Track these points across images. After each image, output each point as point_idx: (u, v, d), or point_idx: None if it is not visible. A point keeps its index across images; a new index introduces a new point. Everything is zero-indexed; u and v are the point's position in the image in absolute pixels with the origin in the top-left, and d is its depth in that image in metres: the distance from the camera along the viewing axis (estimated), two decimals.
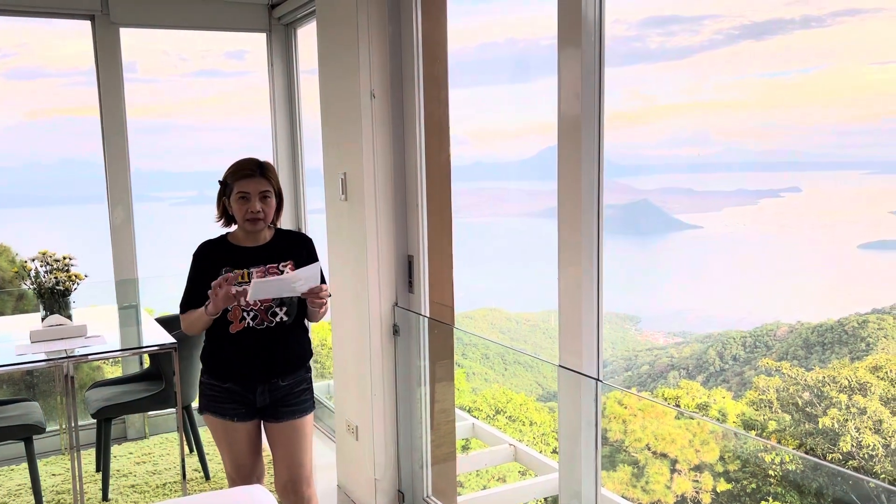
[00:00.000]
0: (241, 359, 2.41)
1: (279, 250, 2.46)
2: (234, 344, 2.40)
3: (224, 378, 2.42)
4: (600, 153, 2.26)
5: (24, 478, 3.72)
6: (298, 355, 2.51)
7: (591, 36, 2.19)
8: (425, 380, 3.23)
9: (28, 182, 12.63)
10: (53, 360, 3.01)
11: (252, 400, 2.44)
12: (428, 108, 3.11)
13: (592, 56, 2.19)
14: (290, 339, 2.46)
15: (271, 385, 2.44)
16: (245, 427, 2.47)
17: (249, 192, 2.34)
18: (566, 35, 2.23)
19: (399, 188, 3.19)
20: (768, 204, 11.09)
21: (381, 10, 3.04)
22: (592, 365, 2.32)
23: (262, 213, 2.36)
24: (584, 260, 2.26)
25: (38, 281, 3.39)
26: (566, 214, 2.31)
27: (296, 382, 2.49)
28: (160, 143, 5.04)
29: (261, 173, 2.36)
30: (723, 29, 9.34)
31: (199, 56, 7.94)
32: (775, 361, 8.51)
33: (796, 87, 8.85)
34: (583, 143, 2.22)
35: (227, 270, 2.37)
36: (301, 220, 4.61)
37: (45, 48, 6.72)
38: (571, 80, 2.22)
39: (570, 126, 2.25)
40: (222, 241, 2.47)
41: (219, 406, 2.44)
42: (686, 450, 7.70)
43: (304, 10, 4.07)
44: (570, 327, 2.35)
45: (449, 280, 3.21)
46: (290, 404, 2.48)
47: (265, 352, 2.42)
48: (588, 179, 2.24)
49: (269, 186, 2.37)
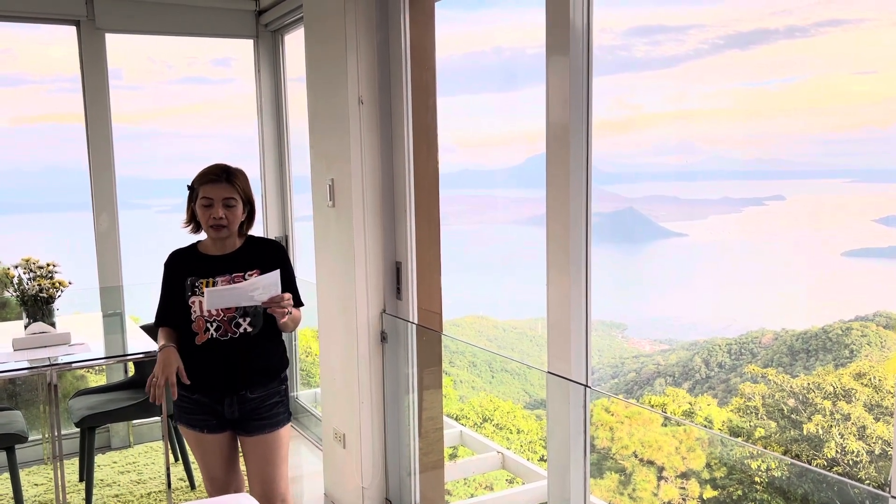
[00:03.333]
0: (207, 370, 2.36)
1: (247, 259, 2.40)
2: (200, 355, 2.35)
3: (192, 389, 2.38)
4: (588, 161, 2.27)
5: (6, 488, 3.66)
6: (266, 367, 2.43)
7: (579, 44, 2.21)
8: (413, 387, 3.22)
9: (11, 189, 12.48)
10: (36, 367, 2.97)
11: (221, 412, 2.39)
12: (416, 114, 3.11)
13: (580, 64, 2.21)
14: (256, 350, 2.39)
15: (240, 397, 2.38)
16: (216, 439, 2.43)
17: (213, 199, 2.29)
18: (554, 43, 2.24)
19: (387, 195, 3.18)
20: (753, 212, 11.19)
21: (369, 17, 3.05)
22: (581, 371, 2.33)
23: (225, 219, 2.31)
24: (573, 267, 2.27)
25: (21, 288, 3.34)
26: (554, 222, 2.32)
27: (267, 395, 2.42)
28: (145, 150, 5.02)
29: (226, 179, 2.31)
30: (708, 38, 9.42)
31: (184, 63, 7.88)
32: (761, 368, 8.57)
33: (780, 96, 8.95)
34: (571, 150, 2.23)
35: (193, 280, 2.34)
36: (288, 228, 4.59)
37: (29, 54, 6.67)
38: (559, 88, 2.23)
39: (559, 134, 2.26)
40: (191, 249, 2.44)
41: (190, 417, 2.41)
42: (673, 457, 7.72)
43: (291, 16, 4.07)
44: (558, 334, 2.35)
45: (437, 287, 3.21)
46: (262, 417, 2.41)
47: (230, 364, 2.36)
48: (576, 187, 2.25)
49: (233, 193, 2.32)
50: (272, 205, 4.54)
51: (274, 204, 4.54)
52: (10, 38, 5.62)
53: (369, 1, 3.04)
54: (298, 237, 4.59)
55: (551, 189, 2.32)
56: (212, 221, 2.30)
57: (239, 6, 4.24)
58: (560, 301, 2.32)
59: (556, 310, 2.34)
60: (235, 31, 4.29)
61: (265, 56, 4.41)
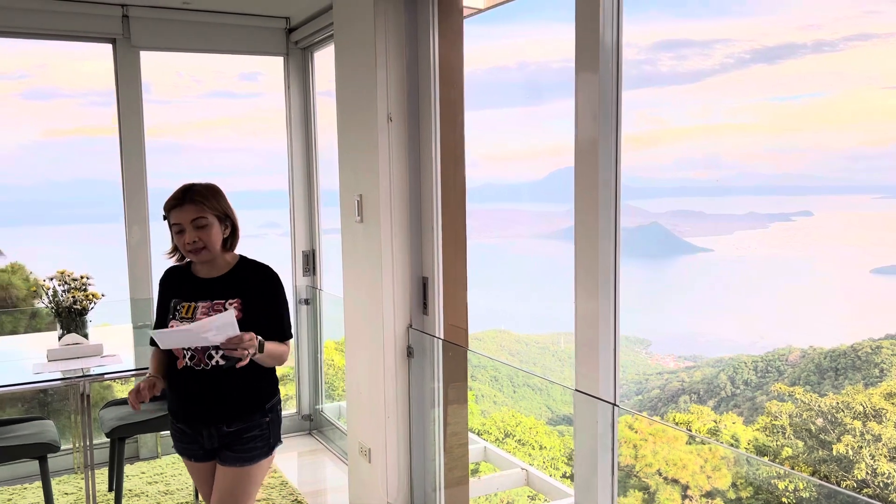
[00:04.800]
0: (185, 399, 2.28)
1: (232, 284, 2.26)
2: (178, 383, 2.27)
3: (176, 418, 2.34)
4: (617, 177, 2.28)
5: (37, 496, 3.72)
6: (245, 401, 2.28)
7: (609, 60, 2.22)
8: (439, 402, 3.22)
9: (42, 201, 12.71)
10: (71, 378, 3.02)
11: (202, 442, 2.31)
12: (444, 131, 3.14)
13: (610, 80, 2.22)
14: (232, 384, 2.24)
15: (217, 429, 2.27)
16: (203, 467, 2.38)
17: (181, 223, 2.17)
18: (584, 59, 2.26)
19: (414, 210, 3.21)
20: (779, 227, 11.07)
21: (399, 35, 3.09)
22: (609, 389, 2.31)
23: (200, 241, 2.17)
24: (601, 283, 2.27)
25: (55, 300, 3.41)
26: (583, 237, 2.32)
27: (245, 428, 2.28)
28: (174, 163, 5.11)
29: (189, 200, 2.17)
30: (734, 53, 9.37)
31: (212, 78, 8.02)
32: (788, 386, 8.44)
33: (808, 111, 8.85)
34: (600, 166, 2.23)
35: (176, 302, 2.27)
36: (315, 241, 4.63)
37: (61, 70, 6.82)
38: (588, 104, 2.24)
39: (587, 149, 2.26)
40: (185, 268, 2.34)
41: (178, 444, 2.38)
42: (698, 475, 7.61)
43: (320, 34, 4.13)
44: (586, 351, 2.34)
45: (463, 302, 3.22)
46: (236, 450, 2.29)
47: (203, 396, 2.25)
48: (605, 203, 2.25)
49: (202, 213, 2.17)
50: (300, 218, 4.59)
51: (302, 217, 4.60)
52: (44, 55, 5.74)
53: (399, 19, 3.08)
54: (325, 250, 4.64)
55: (580, 204, 2.33)
56: (188, 247, 2.18)
57: (270, 24, 4.32)
58: (588, 317, 2.32)
59: (585, 326, 2.34)
60: (266, 49, 4.37)
61: (295, 72, 4.48)
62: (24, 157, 9.30)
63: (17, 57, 5.95)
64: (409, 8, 3.10)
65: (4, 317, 5.22)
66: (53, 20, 3.79)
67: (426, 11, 3.07)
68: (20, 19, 3.74)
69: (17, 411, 4.53)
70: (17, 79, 8.40)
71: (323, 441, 4.60)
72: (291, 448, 4.52)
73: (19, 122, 8.36)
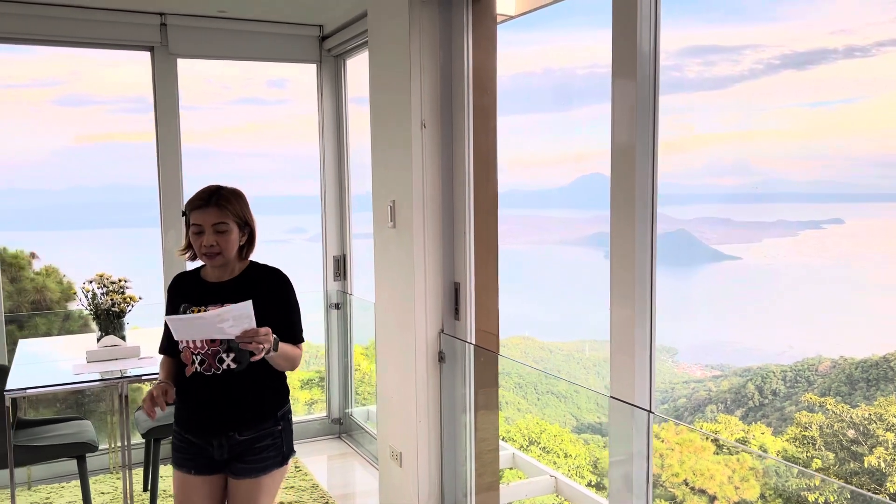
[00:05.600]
0: (195, 407, 2.22)
1: (243, 288, 2.21)
2: (188, 390, 2.22)
3: (184, 428, 2.27)
4: (654, 184, 2.28)
5: (74, 495, 3.79)
6: (256, 407, 2.23)
7: (646, 66, 2.22)
8: (470, 407, 3.23)
9: (74, 205, 12.96)
10: (110, 379, 3.09)
11: (210, 453, 2.22)
12: (477, 137, 3.16)
13: (647, 86, 2.22)
14: (244, 389, 2.20)
15: (228, 438, 2.20)
16: (203, 481, 2.26)
17: (202, 225, 2.14)
18: (620, 65, 2.26)
19: (447, 216, 3.23)
20: (809, 235, 10.91)
21: (433, 41, 3.11)
22: (644, 396, 2.31)
23: (217, 246, 2.14)
24: (638, 290, 2.26)
25: (94, 302, 3.48)
26: (618, 244, 2.31)
27: (258, 437, 2.23)
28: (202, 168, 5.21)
29: (214, 203, 2.14)
30: (763, 58, 9.27)
31: (240, 85, 8.13)
32: (818, 397, 8.30)
33: (839, 117, 8.73)
34: (637, 173, 2.24)
35: (186, 307, 2.22)
36: (346, 246, 4.67)
37: (93, 77, 6.96)
38: (625, 110, 2.25)
39: (624, 156, 2.26)
40: (194, 274, 2.31)
41: (178, 456, 2.28)
42: (725, 486, 7.52)
43: (353, 42, 4.18)
44: (622, 358, 2.34)
45: (494, 308, 3.23)
46: (249, 461, 2.23)
47: (214, 402, 2.19)
48: (642, 209, 2.25)
49: (224, 218, 2.15)
50: (331, 223, 4.64)
51: (333, 222, 4.64)
52: (77, 62, 5.86)
53: (433, 25, 3.11)
54: (355, 255, 4.67)
55: (615, 211, 2.33)
56: (203, 249, 2.15)
57: (304, 32, 4.38)
58: (624, 324, 2.31)
59: (620, 333, 2.33)
60: (300, 56, 4.43)
61: (328, 79, 4.53)
62: (56, 162, 9.46)
63: (51, 64, 6.09)
64: (443, 15, 3.13)
65: (39, 319, 5.32)
66: (95, 29, 3.88)
67: (460, 18, 3.09)
68: (63, 28, 3.83)
69: (51, 412, 4.62)
70: (50, 86, 8.56)
71: (352, 445, 4.63)
72: (321, 451, 4.56)
73: (52, 128, 8.52)
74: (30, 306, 5.67)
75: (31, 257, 6.02)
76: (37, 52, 4.55)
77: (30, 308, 5.63)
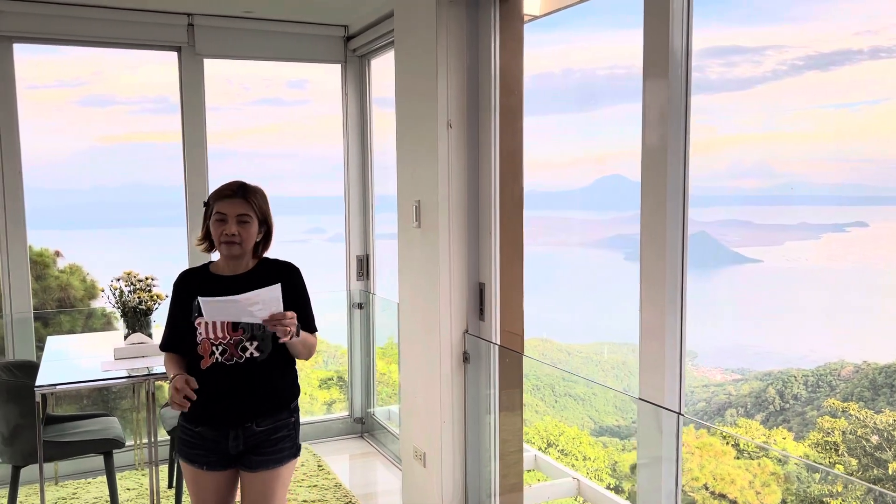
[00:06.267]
0: (212, 399, 2.20)
1: (259, 279, 2.24)
2: (205, 382, 2.19)
3: (196, 421, 2.25)
4: (685, 186, 2.26)
5: (100, 491, 3.83)
6: (275, 396, 2.27)
7: (679, 66, 2.21)
8: (495, 408, 3.22)
9: (97, 204, 13.12)
10: (138, 377, 3.11)
11: (225, 447, 2.24)
12: (503, 138, 3.15)
13: (679, 87, 2.21)
14: (264, 377, 2.23)
15: (245, 430, 2.23)
16: (215, 477, 2.28)
17: (226, 214, 2.20)
18: (652, 65, 2.25)
19: (472, 216, 3.22)
20: (832, 238, 10.77)
21: (460, 41, 3.11)
22: (674, 398, 2.29)
23: (238, 236, 2.20)
24: (668, 292, 2.25)
25: (122, 300, 3.52)
26: (649, 246, 2.30)
27: (274, 428, 2.27)
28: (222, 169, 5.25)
29: (242, 195, 2.22)
30: (787, 59, 9.18)
31: (260, 85, 8.16)
32: (841, 402, 8.20)
33: (864, 119, 8.61)
34: (668, 175, 2.22)
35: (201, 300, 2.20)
36: (369, 246, 4.69)
37: (116, 77, 7.03)
38: (657, 111, 2.23)
39: (655, 158, 2.25)
40: (202, 269, 2.34)
41: (189, 452, 2.28)
42: (746, 491, 7.44)
43: (378, 42, 4.19)
44: (651, 360, 2.32)
45: (519, 309, 3.22)
46: (265, 453, 2.26)
47: (235, 392, 2.21)
48: (673, 212, 2.23)
49: (248, 210, 2.22)
50: (354, 223, 4.65)
51: (357, 222, 4.66)
52: (99, 63, 5.92)
53: (461, 25, 3.11)
54: (379, 255, 4.68)
55: (646, 212, 2.31)
56: (224, 238, 2.20)
57: (329, 32, 4.40)
58: (654, 326, 2.30)
59: (650, 335, 2.32)
60: (325, 57, 4.45)
61: (352, 80, 4.55)
62: (79, 162, 9.59)
63: (74, 65, 6.17)
64: (470, 14, 3.13)
65: (63, 316, 5.39)
66: (123, 29, 3.92)
67: (488, 18, 3.09)
68: (93, 29, 3.88)
69: (74, 408, 4.67)
70: (73, 86, 8.67)
71: (374, 444, 4.64)
72: (343, 451, 4.57)
73: (75, 128, 8.62)
74: (54, 304, 5.74)
75: (55, 255, 6.09)
76: (62, 53, 4.61)
77: (54, 305, 5.69)
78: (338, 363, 5.94)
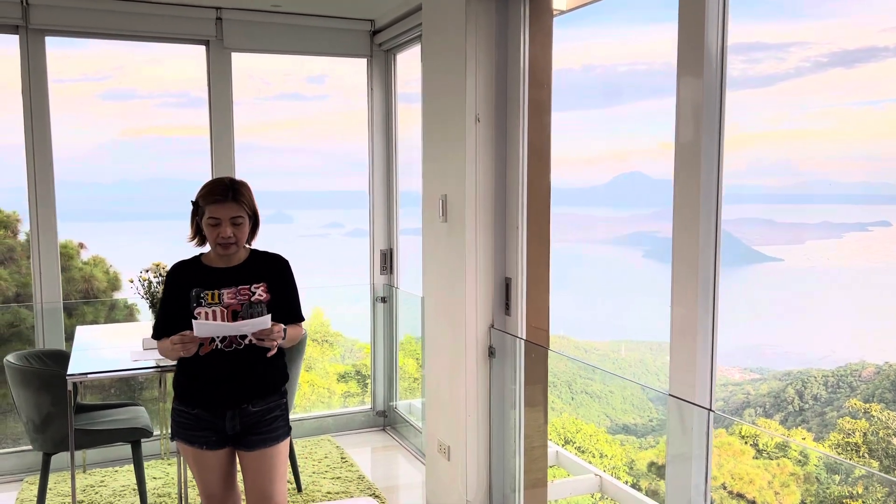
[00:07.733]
0: (210, 383, 2.33)
1: (252, 271, 2.39)
2: (204, 368, 2.33)
3: (193, 404, 2.36)
4: (719, 183, 2.25)
5: (127, 479, 3.88)
6: (270, 380, 2.42)
7: (713, 63, 2.19)
8: (520, 403, 3.23)
9: (120, 197, 13.24)
10: (167, 366, 3.15)
11: (222, 427, 2.36)
12: (531, 133, 3.15)
13: (714, 83, 2.19)
14: (261, 362, 2.38)
15: (241, 411, 2.36)
16: (216, 455, 2.39)
17: (220, 218, 2.29)
18: (687, 61, 2.24)
19: (499, 211, 3.22)
20: (855, 237, 10.65)
21: (490, 36, 3.11)
22: (705, 395, 2.28)
23: (233, 237, 2.31)
24: (701, 288, 2.24)
25: (150, 291, 3.56)
26: (682, 243, 2.29)
27: (268, 409, 2.41)
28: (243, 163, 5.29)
29: (232, 198, 2.30)
30: (811, 56, 9.05)
31: (280, 80, 8.21)
32: (863, 403, 8.11)
33: (889, 116, 8.50)
34: (702, 172, 2.21)
35: (198, 291, 2.33)
36: (393, 241, 4.70)
37: (138, 71, 7.09)
38: (690, 108, 2.22)
39: (688, 155, 2.24)
40: (195, 261, 2.43)
41: (188, 433, 2.37)
42: (765, 491, 7.39)
43: (404, 36, 4.19)
44: (682, 357, 2.32)
45: (545, 304, 3.22)
46: (262, 432, 2.39)
47: (234, 375, 2.34)
48: (706, 209, 2.22)
49: (240, 212, 2.31)
50: (379, 218, 4.67)
51: (381, 217, 4.67)
52: (121, 56, 5.96)
53: (490, 20, 3.10)
54: (402, 250, 4.70)
55: (678, 210, 2.30)
56: (220, 240, 2.30)
57: (355, 27, 4.41)
58: (685, 322, 2.29)
59: (681, 331, 2.31)
60: (351, 51, 4.46)
61: (378, 74, 4.56)
62: (103, 155, 9.69)
63: (98, 59, 6.22)
64: (500, 9, 3.12)
65: (86, 307, 5.45)
66: (153, 23, 3.96)
67: (517, 12, 3.09)
68: (122, 22, 3.92)
69: (98, 398, 4.73)
70: (97, 80, 8.75)
71: (396, 437, 4.66)
72: (366, 443, 4.60)
73: (100, 122, 8.72)
74: (78, 295, 5.81)
75: (79, 247, 6.16)
76: (85, 47, 4.66)
77: (78, 297, 5.76)
78: (355, 357, 5.96)
